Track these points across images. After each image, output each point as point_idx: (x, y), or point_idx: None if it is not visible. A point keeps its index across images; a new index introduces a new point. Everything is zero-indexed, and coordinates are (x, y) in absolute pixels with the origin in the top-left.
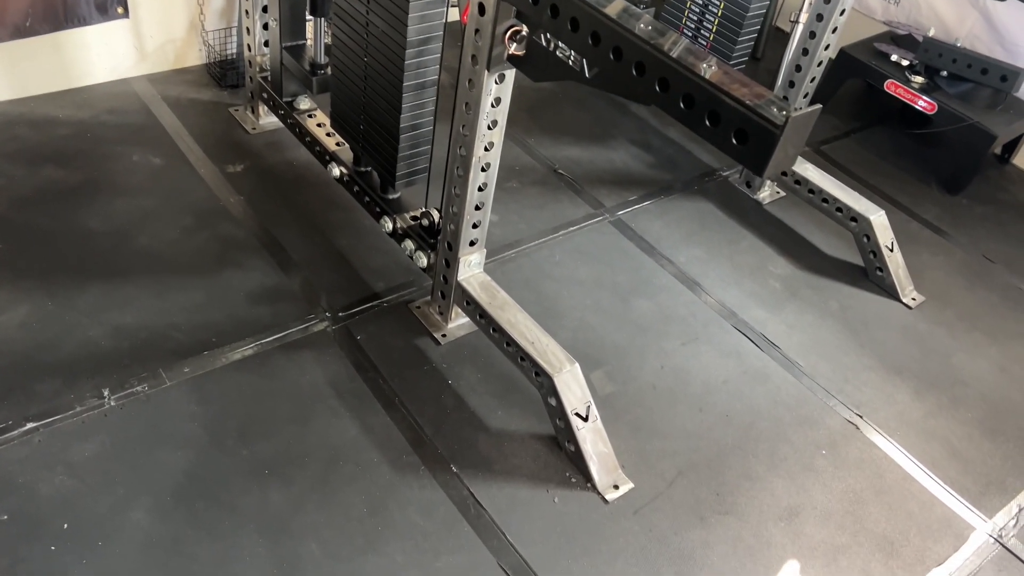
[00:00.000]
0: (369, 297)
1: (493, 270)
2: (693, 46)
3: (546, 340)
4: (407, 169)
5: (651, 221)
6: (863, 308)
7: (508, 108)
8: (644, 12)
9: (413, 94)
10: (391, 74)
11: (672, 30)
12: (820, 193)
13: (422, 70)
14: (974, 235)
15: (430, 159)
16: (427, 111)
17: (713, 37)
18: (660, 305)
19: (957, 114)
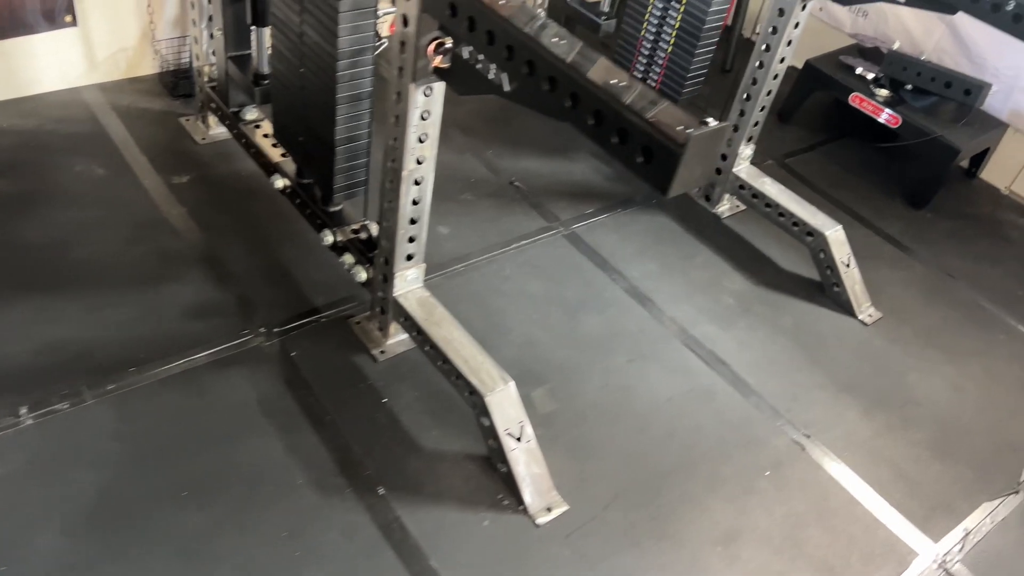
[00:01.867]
0: (308, 312)
1: (440, 284)
2: (607, 61)
3: (481, 358)
4: (345, 182)
5: (606, 235)
6: (817, 325)
7: (440, 121)
8: (558, 25)
9: (348, 106)
10: (325, 85)
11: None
12: (777, 207)
13: (356, 81)
14: (937, 250)
15: (367, 171)
16: (363, 123)
17: (671, 49)
18: (609, 321)
19: (920, 128)
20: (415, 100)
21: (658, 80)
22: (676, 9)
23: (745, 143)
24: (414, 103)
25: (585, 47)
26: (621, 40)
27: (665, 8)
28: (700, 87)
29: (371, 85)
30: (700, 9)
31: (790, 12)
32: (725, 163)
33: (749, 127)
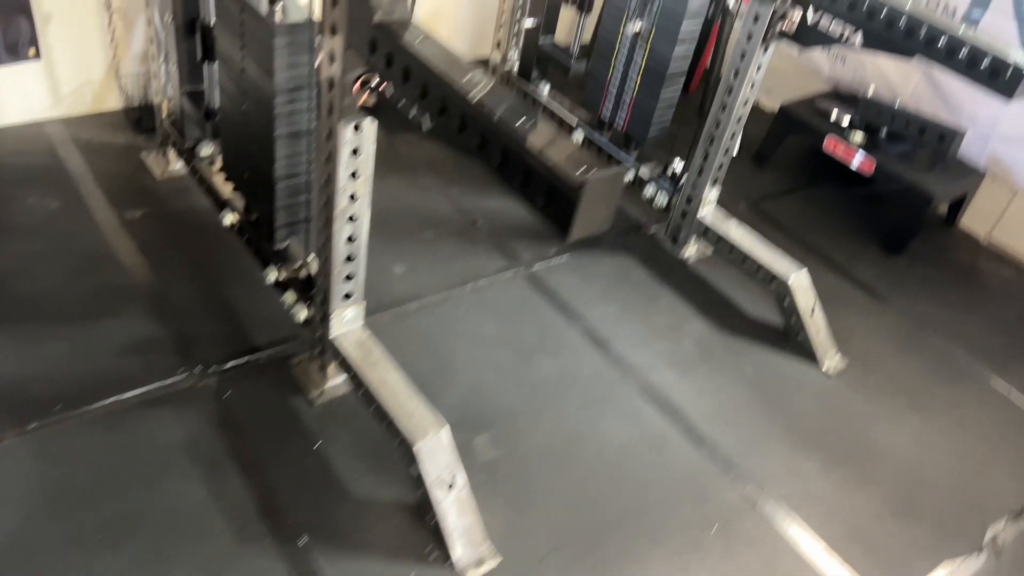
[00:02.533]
0: (248, 351)
1: (390, 324)
2: (519, 102)
3: (415, 403)
4: (287, 219)
5: (567, 276)
6: (779, 373)
7: (373, 158)
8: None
9: (286, 142)
10: (265, 122)
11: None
12: (740, 252)
13: (295, 118)
14: (911, 298)
15: (308, 208)
16: (303, 160)
17: (637, 91)
18: (563, 365)
19: (894, 174)
20: (344, 137)
21: (625, 121)
22: (641, 52)
23: (710, 186)
24: (343, 140)
25: (500, 87)
26: (589, 81)
27: (631, 51)
28: (666, 128)
29: (311, 122)
30: (663, 53)
31: (751, 55)
32: (690, 206)
33: (713, 170)
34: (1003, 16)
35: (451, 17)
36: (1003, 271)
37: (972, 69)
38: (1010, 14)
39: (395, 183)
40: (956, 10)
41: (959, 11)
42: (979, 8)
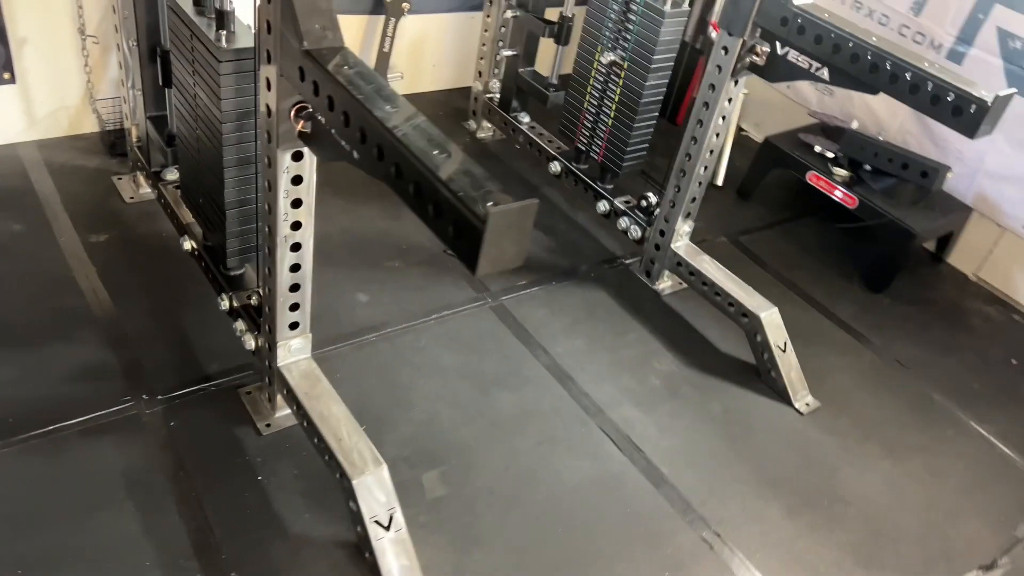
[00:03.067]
0: (200, 379)
1: (347, 355)
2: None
3: (357, 437)
4: (239, 246)
5: (536, 308)
6: (748, 412)
7: (315, 186)
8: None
9: (236, 169)
10: (215, 148)
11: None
12: (713, 286)
13: (244, 144)
14: (890, 337)
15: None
16: (253, 187)
17: (611, 122)
18: (523, 399)
19: (876, 209)
20: (283, 165)
21: (600, 152)
22: (615, 83)
23: (683, 219)
24: (282, 168)
25: (419, 116)
26: (566, 111)
27: (605, 81)
28: (642, 160)
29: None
30: (637, 83)
31: (721, 88)
32: (663, 239)
33: (685, 203)
34: (988, 53)
35: (436, 46)
36: (988, 310)
37: (935, 106)
38: (996, 51)
39: (367, 211)
40: (942, 45)
41: (945, 46)
42: (964, 44)
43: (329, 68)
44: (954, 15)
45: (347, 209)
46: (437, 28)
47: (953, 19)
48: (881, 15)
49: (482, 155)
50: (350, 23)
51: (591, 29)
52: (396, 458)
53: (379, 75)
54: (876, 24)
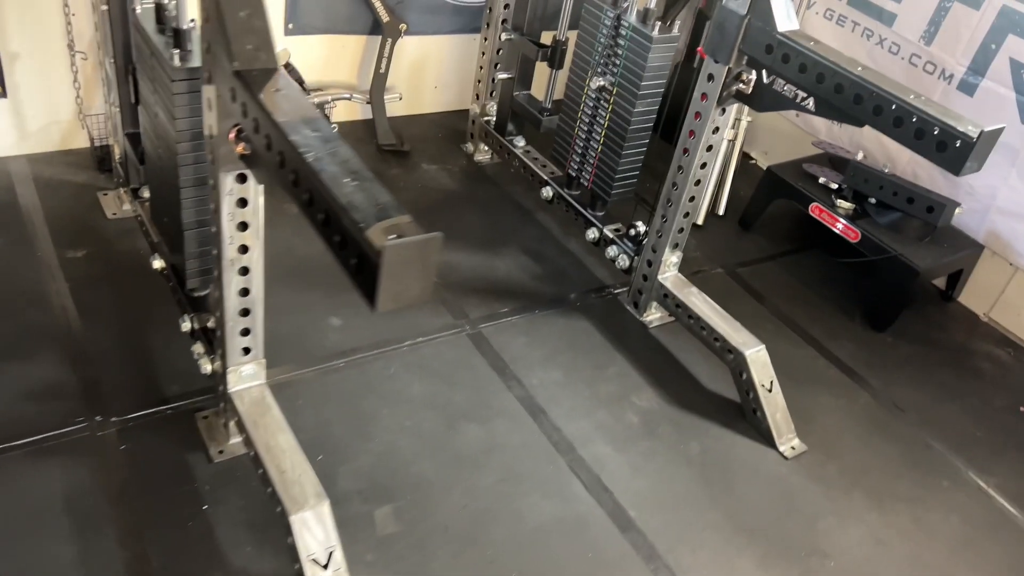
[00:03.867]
0: (158, 401)
1: (314, 380)
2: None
3: (301, 470)
4: (198, 267)
5: (515, 337)
6: (728, 453)
7: (263, 209)
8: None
9: (193, 189)
10: (174, 168)
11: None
12: (699, 320)
13: (200, 164)
14: (889, 379)
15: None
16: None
17: (601, 148)
18: (491, 433)
19: (879, 244)
20: (226, 187)
21: (590, 178)
22: (605, 108)
23: (670, 249)
24: (225, 190)
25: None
26: (558, 136)
27: (595, 107)
28: (631, 188)
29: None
30: (626, 109)
31: (707, 116)
32: (651, 269)
33: (672, 233)
34: (1001, 85)
35: (437, 67)
36: (998, 353)
37: (919, 140)
38: (1009, 83)
39: None
40: (953, 76)
41: (956, 77)
42: (976, 75)
43: (256, 90)
44: (966, 45)
45: None
46: (438, 50)
47: (965, 49)
48: (892, 44)
49: (478, 178)
50: (348, 43)
51: (581, 53)
52: (349, 491)
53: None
54: (886, 53)
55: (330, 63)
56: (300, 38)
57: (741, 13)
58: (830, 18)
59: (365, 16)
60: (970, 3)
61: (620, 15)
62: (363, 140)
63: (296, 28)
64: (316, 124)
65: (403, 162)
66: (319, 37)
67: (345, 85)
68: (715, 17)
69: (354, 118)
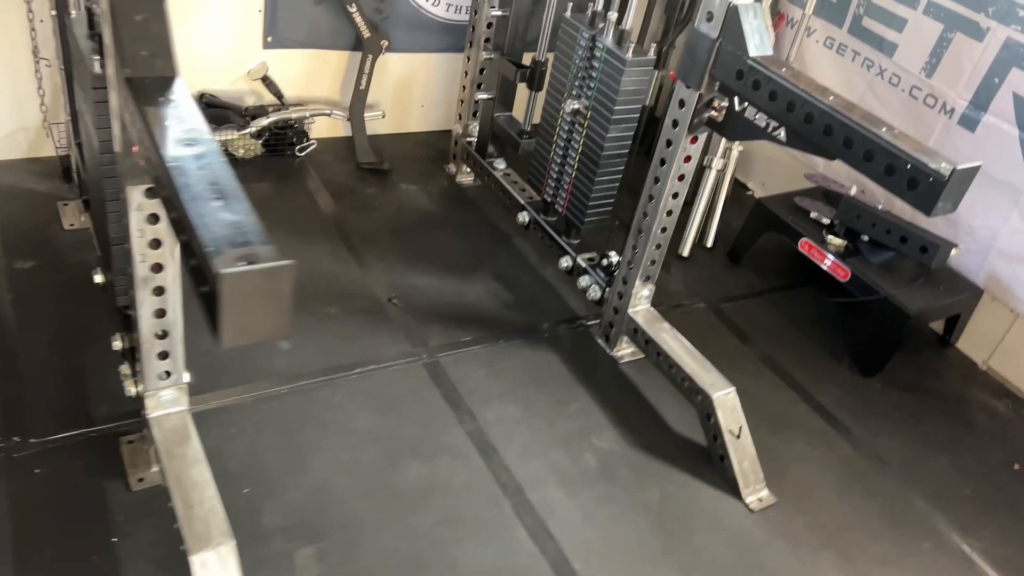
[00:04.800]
0: (84, 423)
1: (253, 406)
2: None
3: (209, 506)
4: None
5: (475, 368)
6: (690, 502)
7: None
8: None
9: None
10: (99, 180)
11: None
12: (667, 358)
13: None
14: (874, 428)
15: None
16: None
17: (575, 174)
18: (435, 471)
19: (870, 284)
20: (134, 202)
21: (564, 204)
22: (579, 132)
23: (641, 282)
24: (134, 205)
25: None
26: (534, 160)
27: (570, 131)
28: (606, 215)
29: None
30: (599, 135)
31: (677, 143)
32: (621, 302)
33: (643, 265)
34: (1004, 121)
35: (424, 86)
36: (995, 405)
37: (890, 176)
38: (1012, 119)
39: (317, 251)
40: (954, 110)
41: (957, 111)
42: (978, 109)
43: (141, 100)
44: (968, 78)
45: (296, 249)
46: (425, 68)
47: (967, 82)
48: (892, 75)
49: (458, 200)
50: (330, 58)
51: (557, 75)
52: (273, 528)
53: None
54: (887, 84)
55: (312, 78)
56: (280, 52)
57: (712, 37)
58: (830, 47)
59: (348, 31)
60: (973, 34)
61: (595, 36)
62: (343, 158)
63: (275, 42)
64: (197, 139)
65: (381, 181)
66: (300, 51)
67: (327, 101)
68: (687, 40)
69: (336, 135)
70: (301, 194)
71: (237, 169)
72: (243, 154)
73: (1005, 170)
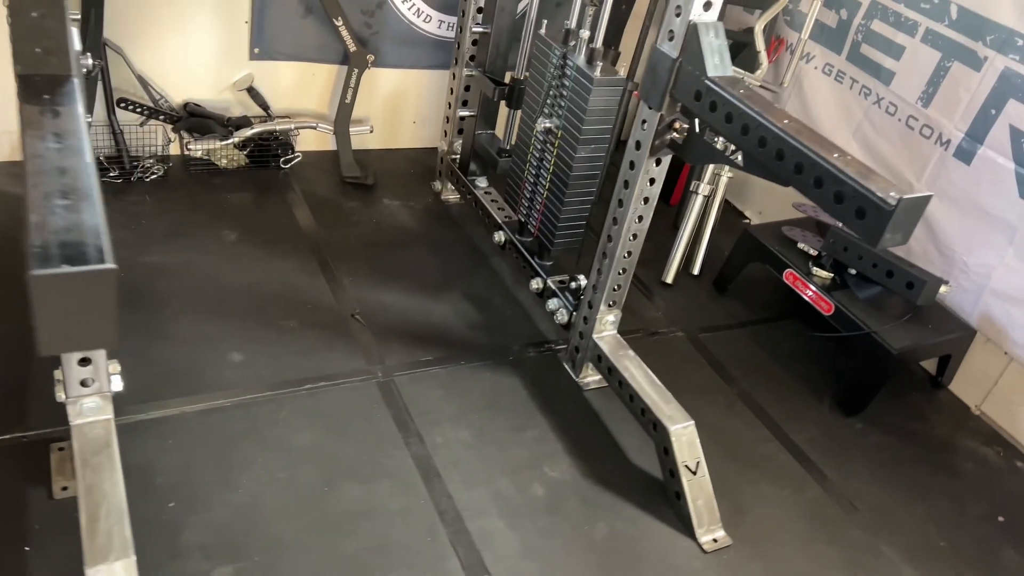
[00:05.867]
0: (19, 427)
1: (190, 420)
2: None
3: (114, 520)
4: None
5: (430, 390)
6: (639, 540)
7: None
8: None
9: None
10: None
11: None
12: (627, 387)
13: None
14: (849, 471)
15: None
16: None
17: (546, 194)
18: (371, 495)
19: (853, 319)
20: None
21: (536, 225)
22: (551, 152)
23: (606, 307)
24: None
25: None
26: (510, 179)
27: (543, 150)
28: (576, 238)
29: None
30: (569, 154)
31: (640, 165)
32: (586, 327)
33: (607, 290)
34: (1000, 154)
35: (415, 103)
36: (985, 452)
37: (839, 204)
38: (1008, 153)
39: (286, 265)
40: (950, 141)
41: (953, 142)
42: (974, 142)
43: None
44: (965, 109)
45: (265, 261)
46: (417, 85)
47: (964, 113)
48: (889, 104)
49: (440, 218)
50: (319, 71)
51: (532, 93)
52: (192, 545)
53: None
54: (883, 113)
55: (301, 91)
56: (268, 63)
57: (673, 56)
58: (828, 73)
59: (336, 45)
60: (971, 64)
61: (567, 54)
62: (328, 171)
63: (262, 53)
64: (66, 138)
65: (364, 196)
66: (289, 64)
67: (315, 114)
68: (649, 59)
69: (323, 148)
70: (280, 206)
71: (218, 179)
72: (226, 164)
73: (1000, 206)
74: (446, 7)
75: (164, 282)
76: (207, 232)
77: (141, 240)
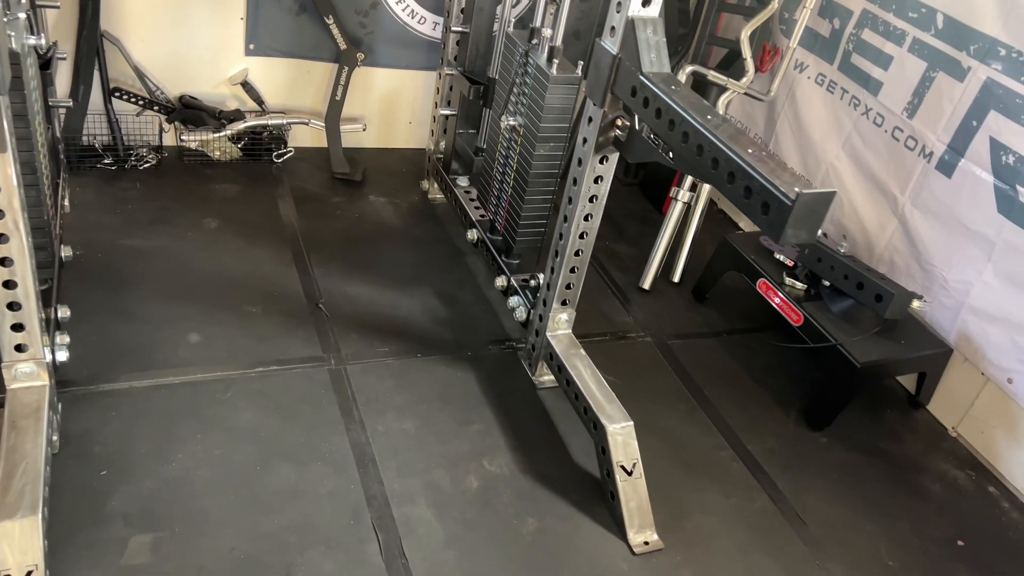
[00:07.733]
0: None
1: (137, 394)
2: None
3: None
4: None
5: (381, 379)
6: (569, 538)
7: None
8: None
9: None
10: None
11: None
12: (573, 385)
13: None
14: (804, 485)
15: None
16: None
17: (510, 192)
18: (302, 476)
19: (820, 331)
20: None
21: (502, 223)
22: (514, 150)
23: (559, 305)
24: None
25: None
26: (481, 177)
27: (508, 148)
28: (538, 235)
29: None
30: (529, 152)
31: (587, 162)
32: (541, 324)
33: (559, 288)
34: (979, 167)
35: (411, 103)
36: (956, 475)
37: (747, 200)
38: (987, 165)
39: (260, 254)
40: (933, 153)
41: (936, 154)
42: (956, 154)
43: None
44: (947, 120)
45: (240, 249)
46: (413, 85)
47: (946, 124)
48: (876, 115)
49: (424, 216)
50: (313, 69)
51: (500, 91)
52: (115, 513)
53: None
54: (871, 124)
55: (296, 87)
56: (262, 60)
57: (613, 52)
58: (821, 83)
59: (330, 44)
60: (955, 74)
61: (528, 52)
62: (319, 167)
63: (257, 49)
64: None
65: (351, 192)
66: (283, 60)
67: (310, 111)
68: (592, 55)
69: (318, 144)
70: (266, 198)
71: (210, 170)
72: (219, 156)
73: (979, 220)
74: (438, 8)
75: (139, 265)
76: (189, 219)
77: (124, 224)
